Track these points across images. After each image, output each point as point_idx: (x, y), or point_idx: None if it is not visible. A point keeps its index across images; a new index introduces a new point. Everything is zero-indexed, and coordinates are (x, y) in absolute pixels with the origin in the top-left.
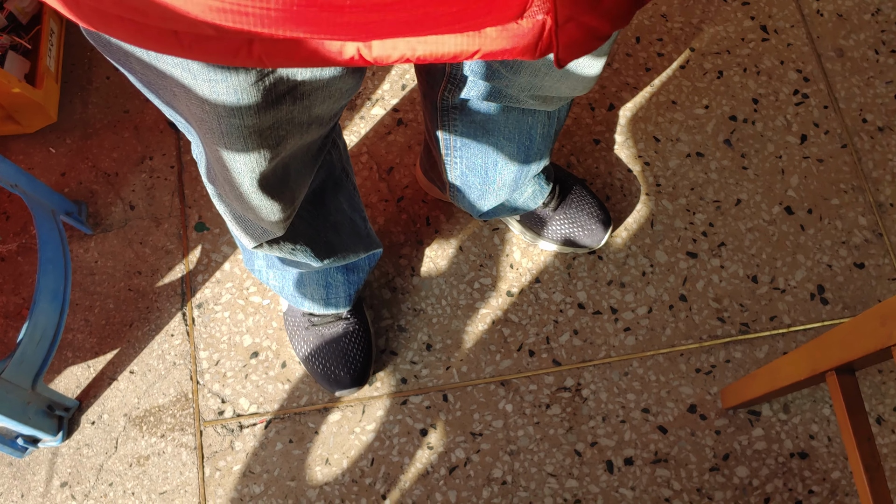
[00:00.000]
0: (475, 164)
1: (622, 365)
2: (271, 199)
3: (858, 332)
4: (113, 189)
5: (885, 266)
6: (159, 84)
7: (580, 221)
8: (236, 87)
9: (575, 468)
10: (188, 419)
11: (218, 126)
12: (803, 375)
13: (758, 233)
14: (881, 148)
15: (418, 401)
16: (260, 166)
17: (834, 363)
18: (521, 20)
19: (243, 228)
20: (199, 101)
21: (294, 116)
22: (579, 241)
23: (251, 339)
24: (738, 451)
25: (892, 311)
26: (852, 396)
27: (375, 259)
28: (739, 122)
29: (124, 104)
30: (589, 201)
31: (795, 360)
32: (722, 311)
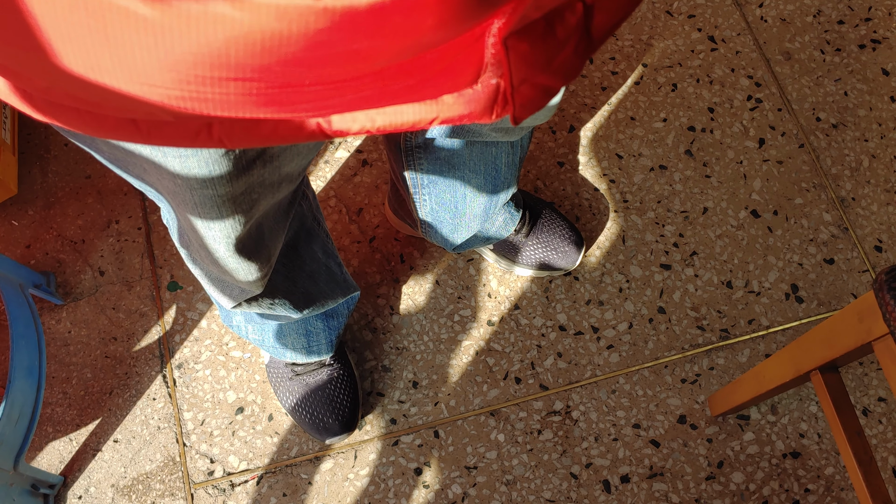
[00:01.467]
0: (444, 199)
1: (609, 383)
2: (248, 261)
3: (837, 331)
4: (81, 256)
5: (853, 259)
6: (128, 161)
7: (553, 244)
8: (207, 160)
9: (573, 492)
10: (178, 483)
11: (191, 197)
12: (788, 377)
13: (727, 239)
14: (837, 144)
15: (410, 440)
16: (235, 231)
17: (817, 362)
18: (476, 85)
19: (220, 290)
20: (171, 175)
21: (265, 178)
22: (554, 263)
23: (235, 395)
24: (732, 457)
25: (868, 306)
26: (838, 393)
27: (353, 302)
28: (698, 132)
29: (85, 169)
30: (560, 224)
31: (779, 362)
32: (701, 320)
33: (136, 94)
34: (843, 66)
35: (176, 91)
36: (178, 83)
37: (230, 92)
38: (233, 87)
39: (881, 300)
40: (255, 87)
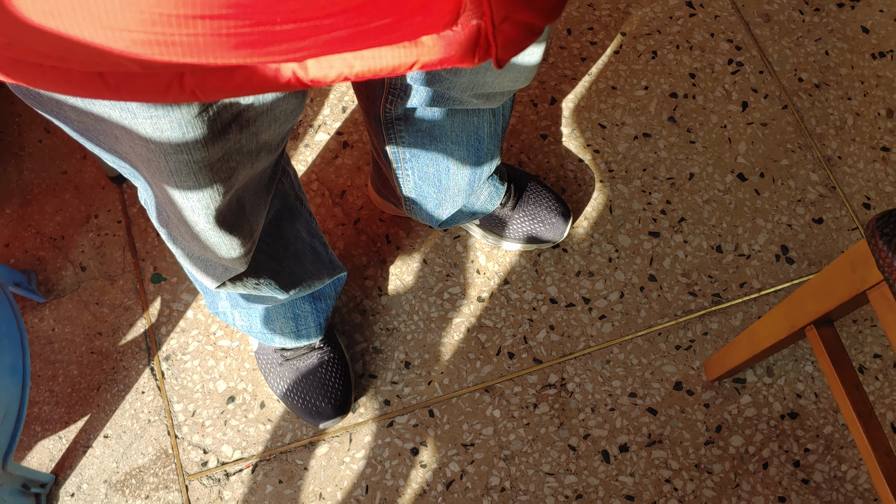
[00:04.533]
0: (427, 173)
1: (603, 353)
2: (230, 235)
3: (831, 282)
4: (61, 253)
5: (842, 218)
6: (98, 129)
7: (540, 217)
8: (180, 121)
9: (572, 463)
10: (171, 475)
11: (166, 164)
12: (783, 334)
13: (715, 203)
14: (820, 104)
15: (404, 420)
16: (214, 202)
17: (811, 317)
18: (456, 26)
19: (203, 269)
20: (143, 140)
21: (242, 145)
22: (542, 236)
23: (225, 384)
24: (730, 420)
25: (860, 256)
26: (834, 347)
27: (341, 283)
28: (680, 98)
29: (61, 165)
30: (546, 196)
31: (772, 320)
32: (692, 285)
33: (100, 43)
34: (822, 25)
35: (141, 34)
36: (143, 24)
37: (199, 33)
38: (201, 26)
39: (874, 247)
40: (224, 27)
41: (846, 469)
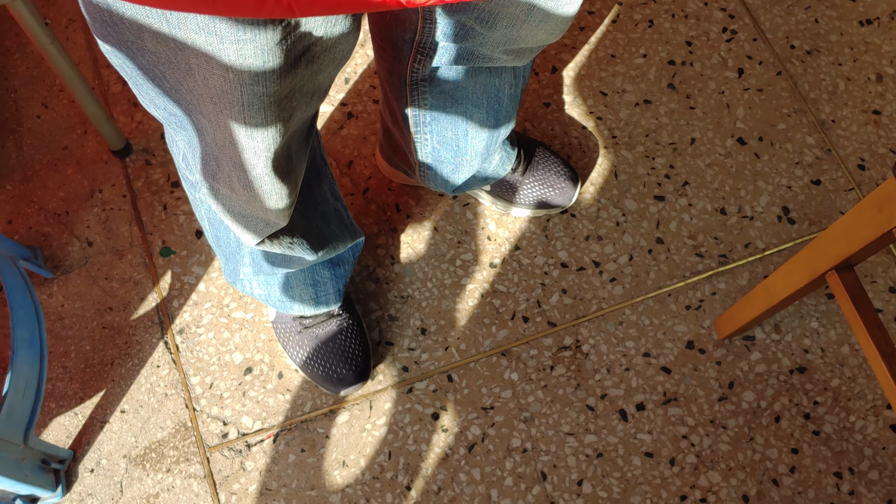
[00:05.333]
0: (446, 137)
1: (615, 315)
2: (281, 182)
3: (856, 224)
4: (66, 228)
5: (839, 179)
6: (172, 61)
7: (549, 182)
8: (262, 48)
9: (591, 423)
10: (192, 448)
11: (240, 97)
12: (803, 282)
13: (717, 167)
14: (813, 70)
15: (423, 386)
16: (275, 142)
17: (833, 262)
18: None
19: (244, 225)
20: (223, 69)
21: (304, 84)
22: (551, 201)
23: (242, 356)
24: (741, 377)
25: (888, 195)
26: (856, 290)
27: (359, 249)
28: (678, 66)
29: (61, 141)
30: (554, 161)
31: (791, 269)
32: (699, 247)
33: None
34: None
35: None
36: None
37: None
38: None
39: None
40: None
41: (854, 420)
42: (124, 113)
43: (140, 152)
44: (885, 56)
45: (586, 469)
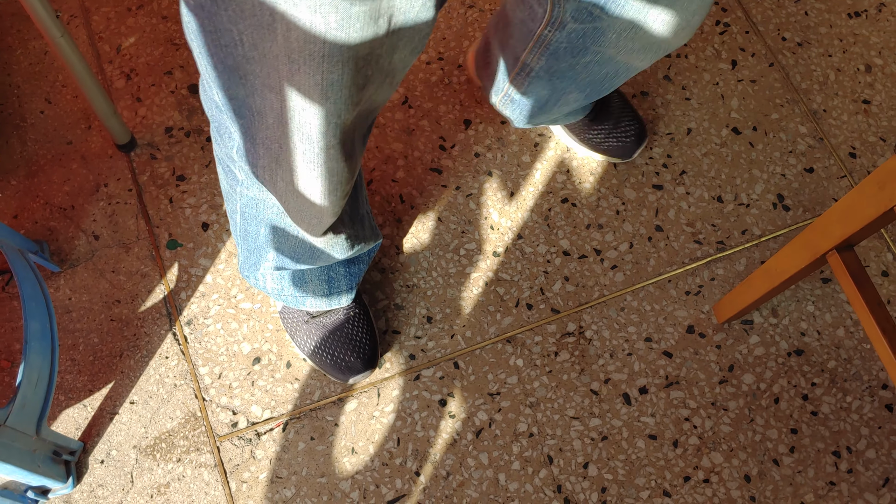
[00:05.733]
0: (540, 95)
1: (617, 301)
2: (344, 163)
3: (858, 203)
4: (72, 223)
5: (831, 167)
6: (257, 13)
7: (616, 133)
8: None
9: (595, 407)
10: (202, 438)
11: (322, 47)
12: (804, 263)
13: (713, 156)
14: (804, 61)
15: (430, 373)
16: (346, 110)
17: (835, 241)
18: None
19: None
20: (310, 12)
21: (382, 55)
22: (613, 151)
23: (250, 346)
24: (741, 360)
25: (889, 174)
26: (856, 269)
27: (375, 250)
28: (674, 58)
29: (65, 136)
30: (627, 113)
31: (792, 251)
32: (697, 234)
33: None
34: None
35: None
36: None
37: None
38: None
39: None
40: None
41: (851, 400)
42: (128, 108)
43: (145, 146)
44: (874, 47)
45: (591, 452)
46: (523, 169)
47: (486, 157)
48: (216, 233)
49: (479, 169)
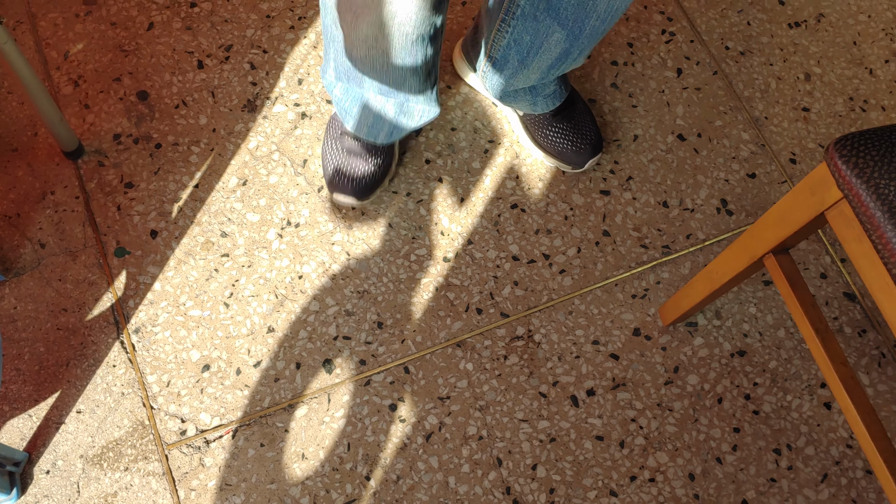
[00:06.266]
0: (522, 39)
1: (565, 305)
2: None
3: (790, 209)
4: (17, 231)
5: (773, 172)
6: None
7: (573, 138)
8: None
9: (544, 409)
10: (150, 446)
11: None
12: (742, 266)
13: (659, 162)
14: (746, 70)
15: (381, 378)
16: None
17: (770, 245)
18: None
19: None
20: None
21: None
22: (566, 156)
23: (199, 354)
24: (685, 361)
25: (819, 179)
26: (791, 272)
27: (428, 121)
28: (621, 66)
29: (11, 142)
30: (588, 123)
31: (731, 254)
32: (643, 239)
33: None
34: None
35: None
36: None
37: None
38: None
39: (833, 167)
40: None
41: (791, 399)
42: (75, 115)
43: (92, 153)
44: (813, 56)
45: (540, 454)
46: (473, 175)
47: (437, 164)
48: (165, 240)
49: (429, 175)
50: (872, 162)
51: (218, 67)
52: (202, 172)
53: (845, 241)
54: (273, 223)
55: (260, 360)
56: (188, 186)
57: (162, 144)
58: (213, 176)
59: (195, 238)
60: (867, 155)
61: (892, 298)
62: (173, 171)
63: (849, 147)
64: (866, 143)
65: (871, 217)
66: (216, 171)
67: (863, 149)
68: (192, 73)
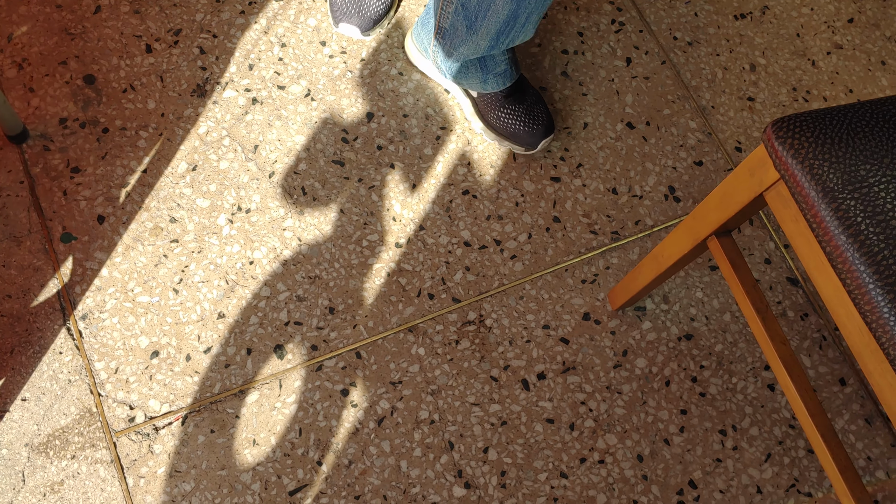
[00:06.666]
0: (469, 4)
1: (516, 290)
2: None
3: (730, 191)
4: None
5: (719, 160)
6: None
7: (525, 119)
8: None
9: (495, 393)
10: (97, 433)
11: None
12: (687, 248)
13: (608, 150)
14: (694, 59)
15: (333, 363)
16: None
17: (713, 227)
18: None
19: None
20: None
21: None
22: (518, 137)
23: (148, 340)
24: (634, 345)
25: (758, 161)
26: (733, 253)
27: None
28: (571, 55)
29: None
30: (540, 107)
31: (676, 237)
32: (593, 225)
33: None
34: None
35: None
36: None
37: None
38: None
39: (770, 149)
40: None
41: (736, 381)
42: (20, 98)
43: (38, 138)
44: (758, 47)
45: (491, 437)
46: (425, 161)
47: (389, 150)
48: (112, 225)
49: (381, 161)
50: (808, 143)
51: (167, 52)
52: (151, 157)
53: (783, 221)
54: (223, 209)
55: (210, 346)
56: (136, 171)
57: (109, 129)
58: (162, 161)
59: (143, 224)
60: (802, 136)
61: (826, 276)
62: (121, 155)
63: (785, 128)
64: (802, 125)
65: (806, 197)
66: (165, 156)
67: (798, 130)
68: (140, 56)
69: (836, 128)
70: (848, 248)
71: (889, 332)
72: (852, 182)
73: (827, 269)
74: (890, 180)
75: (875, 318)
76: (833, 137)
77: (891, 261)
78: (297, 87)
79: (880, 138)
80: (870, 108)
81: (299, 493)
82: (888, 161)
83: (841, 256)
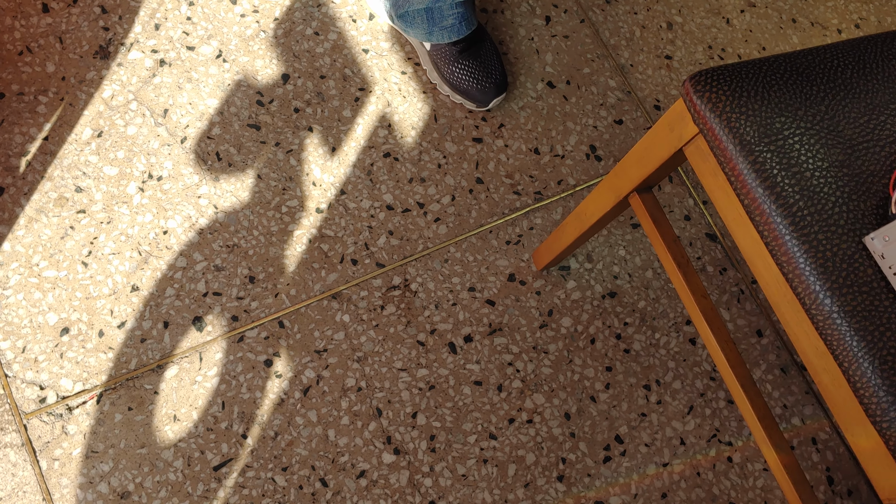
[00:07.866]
0: None
1: (440, 253)
2: None
3: (650, 147)
4: None
5: (638, 118)
6: None
7: (478, 75)
8: None
9: (422, 357)
10: (6, 416)
11: None
12: (609, 205)
13: (529, 110)
14: (612, 18)
15: (255, 334)
16: None
17: (634, 183)
18: None
19: None
20: None
21: None
22: (470, 93)
23: (56, 316)
24: (559, 304)
25: (676, 116)
26: (654, 208)
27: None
28: (490, 14)
29: None
30: (495, 63)
31: (599, 195)
32: (516, 185)
33: None
34: None
35: None
36: None
37: None
38: None
39: (689, 102)
40: None
41: (659, 337)
42: None
43: None
44: (674, 6)
45: (420, 402)
46: (344, 124)
47: (306, 113)
48: (13, 197)
49: (298, 124)
50: (725, 97)
51: (65, 11)
52: (52, 124)
53: (702, 175)
54: (133, 176)
55: (124, 320)
56: (37, 139)
57: (5, 94)
58: (65, 127)
59: (47, 194)
60: (720, 90)
61: (745, 229)
62: (19, 122)
63: (703, 82)
64: (719, 79)
65: (724, 150)
66: (67, 122)
67: (716, 84)
68: (37, 17)
69: (752, 81)
70: (765, 201)
71: (804, 282)
72: (768, 135)
73: (745, 221)
74: (804, 133)
75: (791, 269)
76: (749, 91)
77: (805, 212)
78: (207, 48)
79: (794, 91)
80: (784, 61)
81: (224, 467)
82: (801, 113)
83: (758, 209)
